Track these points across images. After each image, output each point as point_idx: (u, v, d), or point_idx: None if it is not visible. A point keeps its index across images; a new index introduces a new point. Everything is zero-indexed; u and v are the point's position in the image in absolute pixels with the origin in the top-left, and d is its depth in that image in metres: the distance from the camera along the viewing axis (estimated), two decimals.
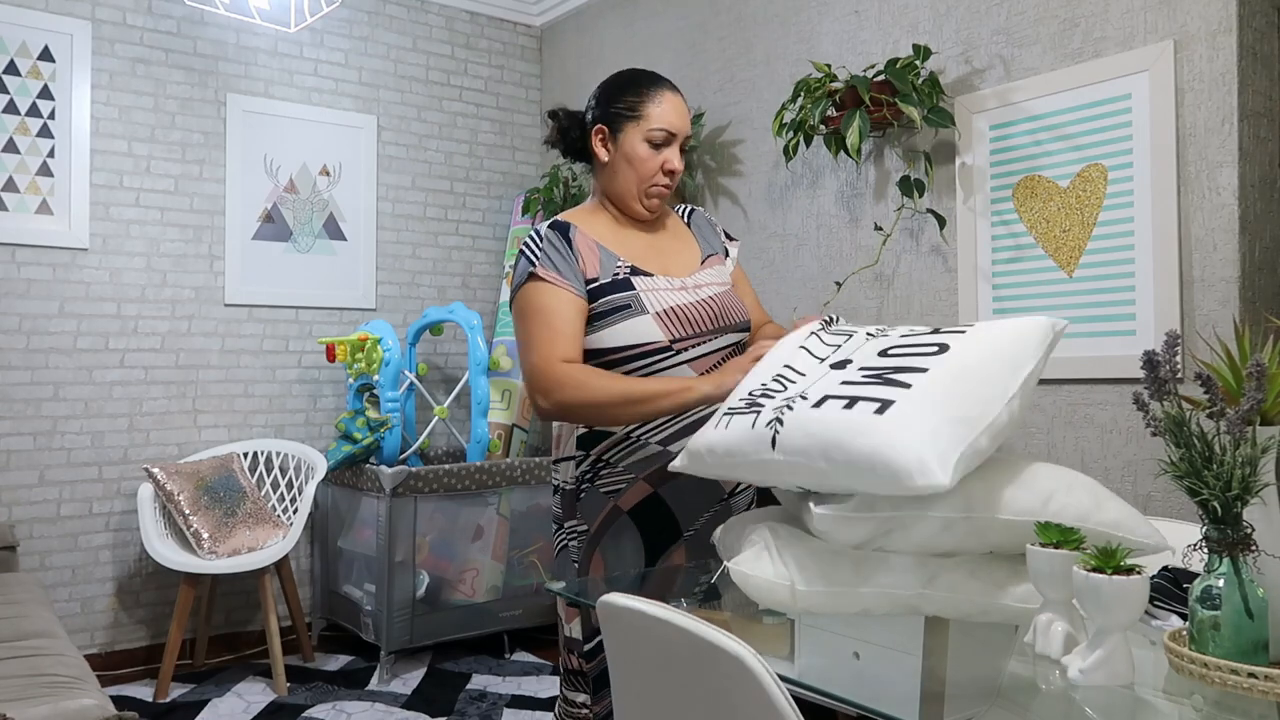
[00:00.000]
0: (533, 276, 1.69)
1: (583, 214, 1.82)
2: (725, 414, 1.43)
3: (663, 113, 1.74)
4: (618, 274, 1.71)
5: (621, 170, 1.75)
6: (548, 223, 1.78)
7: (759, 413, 1.35)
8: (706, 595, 1.49)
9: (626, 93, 1.76)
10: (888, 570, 1.30)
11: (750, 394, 1.43)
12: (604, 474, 1.73)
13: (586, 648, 1.72)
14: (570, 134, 1.83)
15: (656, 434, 1.71)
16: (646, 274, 1.73)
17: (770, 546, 1.34)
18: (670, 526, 1.73)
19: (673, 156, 1.75)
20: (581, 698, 1.75)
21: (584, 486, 1.74)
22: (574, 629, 1.77)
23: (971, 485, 1.26)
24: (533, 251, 1.72)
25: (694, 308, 1.72)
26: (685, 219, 1.92)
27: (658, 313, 1.69)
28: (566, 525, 1.78)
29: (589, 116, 1.81)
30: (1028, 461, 1.35)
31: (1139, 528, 1.29)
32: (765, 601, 1.31)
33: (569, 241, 1.72)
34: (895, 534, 1.27)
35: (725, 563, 1.35)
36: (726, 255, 1.92)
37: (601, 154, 1.77)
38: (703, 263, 1.83)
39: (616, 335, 1.68)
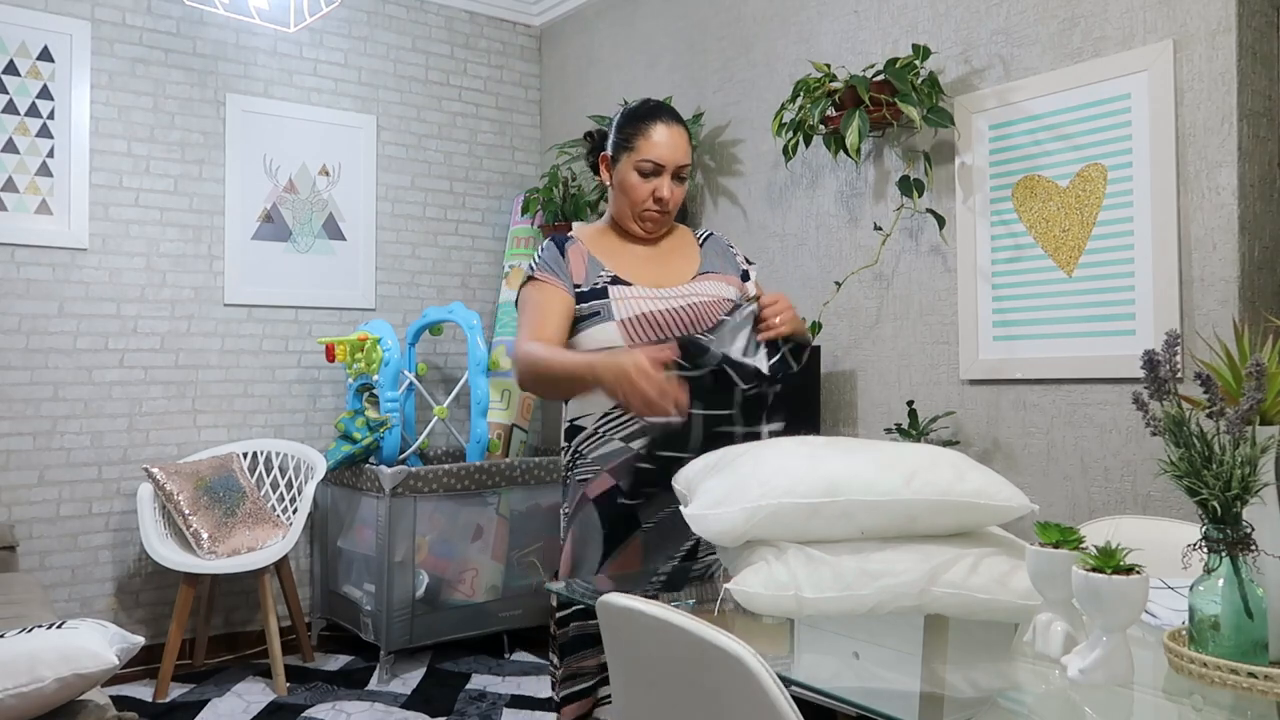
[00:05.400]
0: (530, 280, 1.91)
1: (588, 229, 2.01)
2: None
3: (651, 145, 1.88)
4: (597, 282, 1.88)
5: (618, 195, 1.94)
6: (549, 238, 1.96)
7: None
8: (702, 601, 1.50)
9: (625, 125, 1.92)
10: (892, 571, 1.31)
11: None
12: (579, 464, 1.90)
13: (558, 615, 1.88)
14: (595, 155, 2.02)
15: (620, 430, 1.84)
16: (625, 283, 1.87)
17: (772, 561, 1.35)
18: (629, 518, 1.84)
19: (661, 185, 1.88)
20: (557, 659, 1.91)
21: (568, 475, 1.94)
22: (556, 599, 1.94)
23: (835, 470, 1.33)
24: (533, 261, 1.94)
25: (666, 314, 1.84)
26: (700, 240, 2.04)
27: (623, 320, 1.83)
28: (563, 510, 1.98)
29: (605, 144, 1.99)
30: (897, 445, 1.44)
31: (1000, 491, 1.38)
32: (772, 613, 1.32)
33: (562, 251, 1.92)
34: (766, 522, 1.33)
35: (725, 585, 1.35)
36: (746, 278, 2.03)
37: (605, 179, 1.98)
38: (697, 276, 1.94)
39: (588, 339, 1.85)
